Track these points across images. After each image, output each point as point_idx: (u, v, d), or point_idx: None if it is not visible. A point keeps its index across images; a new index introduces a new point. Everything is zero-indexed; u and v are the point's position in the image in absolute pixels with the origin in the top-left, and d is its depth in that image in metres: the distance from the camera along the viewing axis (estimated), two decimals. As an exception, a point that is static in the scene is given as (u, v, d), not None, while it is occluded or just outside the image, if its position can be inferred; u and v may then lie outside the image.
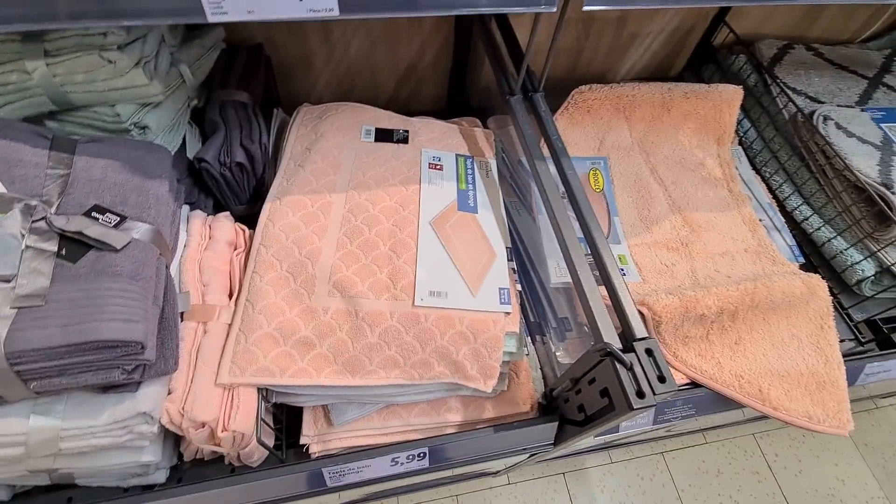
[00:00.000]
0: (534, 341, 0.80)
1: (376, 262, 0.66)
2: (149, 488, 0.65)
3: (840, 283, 0.90)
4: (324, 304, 0.63)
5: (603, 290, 0.62)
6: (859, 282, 0.86)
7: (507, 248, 0.72)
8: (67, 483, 0.62)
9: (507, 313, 0.65)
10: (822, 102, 1.04)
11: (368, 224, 0.69)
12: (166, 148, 0.68)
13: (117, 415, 0.52)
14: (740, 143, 1.10)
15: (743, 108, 1.12)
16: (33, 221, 0.51)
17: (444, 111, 1.25)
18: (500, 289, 0.66)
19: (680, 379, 0.75)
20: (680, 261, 0.87)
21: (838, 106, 1.02)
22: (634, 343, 0.53)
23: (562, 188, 0.70)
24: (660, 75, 1.32)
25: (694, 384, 0.75)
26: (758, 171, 1.06)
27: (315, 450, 0.67)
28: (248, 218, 0.85)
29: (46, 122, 0.68)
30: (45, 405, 0.50)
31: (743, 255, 0.89)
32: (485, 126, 0.95)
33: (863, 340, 0.86)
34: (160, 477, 0.65)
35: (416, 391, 0.66)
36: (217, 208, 0.85)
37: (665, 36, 1.21)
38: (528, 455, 0.77)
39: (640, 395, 0.49)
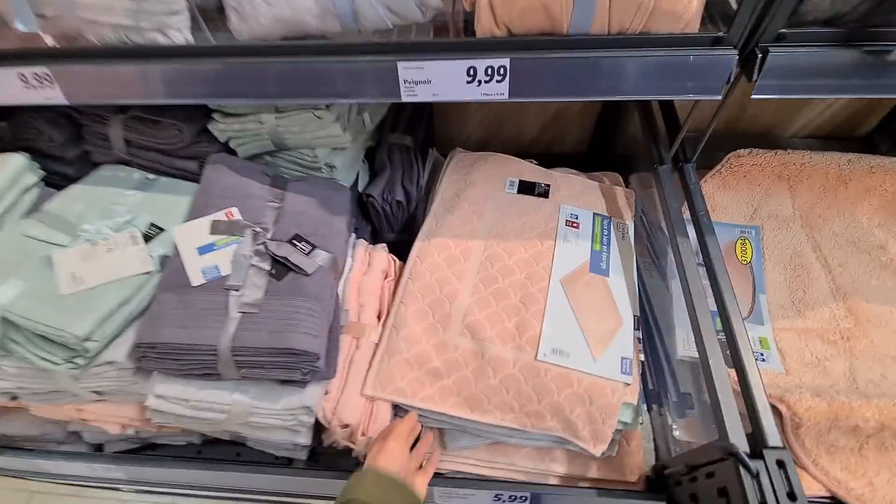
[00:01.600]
0: (649, 409, 0.79)
1: (506, 310, 0.72)
2: (290, 461, 0.79)
3: None
4: (455, 341, 0.71)
5: (732, 372, 0.60)
6: None
7: (634, 316, 0.73)
8: (240, 441, 0.79)
9: (627, 384, 0.66)
10: None
11: (503, 273, 0.76)
12: (349, 189, 0.83)
13: (289, 404, 0.65)
14: (942, 226, 0.94)
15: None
16: (256, 244, 0.67)
17: (585, 155, 1.27)
18: (622, 358, 0.68)
19: (817, 490, 0.68)
20: (836, 356, 0.78)
21: None
22: (764, 451, 0.51)
23: (700, 260, 0.69)
24: (840, 135, 1.17)
25: (834, 500, 0.68)
26: (962, 263, 0.89)
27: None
28: (398, 244, 0.99)
29: (265, 157, 0.88)
30: (244, 387, 0.65)
31: (924, 363, 0.77)
32: (627, 183, 0.96)
33: None
34: (303, 455, 0.78)
35: (526, 437, 0.70)
36: (373, 233, 1.00)
37: (853, 94, 1.08)
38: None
39: (764, 508, 0.47)
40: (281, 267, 0.67)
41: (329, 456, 0.79)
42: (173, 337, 0.58)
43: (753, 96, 0.58)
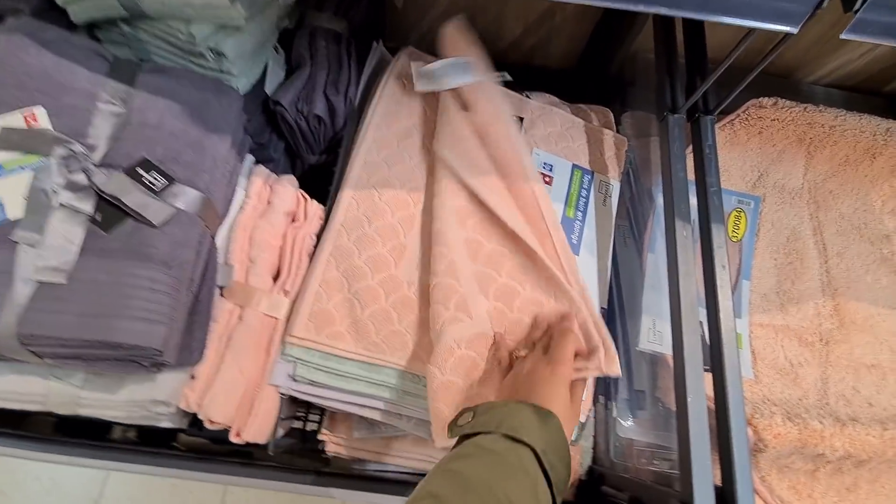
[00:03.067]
0: (595, 401, 0.69)
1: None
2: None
3: None
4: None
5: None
6: None
7: (601, 308, 0.58)
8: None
9: (577, 399, 0.53)
10: None
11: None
12: (237, 92, 0.58)
13: (134, 395, 0.49)
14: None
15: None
16: (71, 172, 0.44)
17: (573, 72, 1.03)
18: (577, 365, 0.54)
19: (757, 506, 0.62)
20: (811, 362, 0.69)
21: None
22: (735, 522, 0.40)
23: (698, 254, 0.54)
24: (867, 88, 0.99)
25: (772, 517, 0.62)
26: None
27: (331, 449, 0.63)
28: (321, 169, 0.77)
29: (120, 25, 0.60)
30: (65, 372, 0.47)
31: (899, 377, 0.69)
32: (618, 122, 0.76)
33: None
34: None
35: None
36: (288, 152, 0.77)
37: (904, 39, 0.88)
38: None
39: None
40: (112, 210, 0.45)
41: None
42: (-88, 318, 0.38)
43: (844, 35, 0.38)
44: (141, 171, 0.47)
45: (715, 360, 0.49)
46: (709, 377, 0.51)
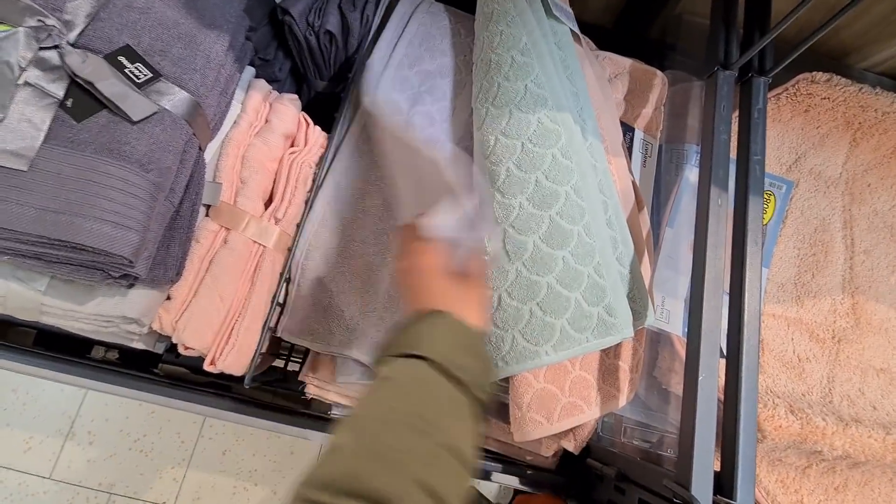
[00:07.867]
0: (589, 373, 0.66)
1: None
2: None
3: None
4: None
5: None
6: None
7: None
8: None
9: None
10: None
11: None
12: (241, -12, 0.51)
13: (102, 309, 0.45)
14: None
15: None
16: (41, 49, 0.39)
17: (609, 29, 0.95)
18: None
19: (742, 496, 0.60)
20: (820, 358, 0.66)
21: None
22: (731, 511, 0.38)
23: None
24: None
25: (755, 509, 0.60)
26: None
27: (311, 391, 0.60)
28: (328, 98, 0.71)
29: None
30: (28, 274, 0.43)
31: (906, 383, 0.66)
32: (654, 81, 0.69)
33: None
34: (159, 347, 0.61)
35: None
36: (295, 74, 0.70)
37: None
38: None
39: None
40: (86, 98, 0.40)
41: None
42: None
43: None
44: (122, 60, 0.41)
45: (732, 342, 0.45)
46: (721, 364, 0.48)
